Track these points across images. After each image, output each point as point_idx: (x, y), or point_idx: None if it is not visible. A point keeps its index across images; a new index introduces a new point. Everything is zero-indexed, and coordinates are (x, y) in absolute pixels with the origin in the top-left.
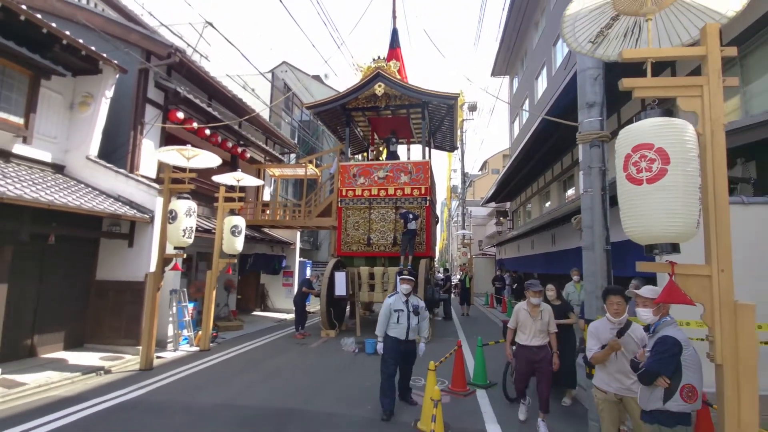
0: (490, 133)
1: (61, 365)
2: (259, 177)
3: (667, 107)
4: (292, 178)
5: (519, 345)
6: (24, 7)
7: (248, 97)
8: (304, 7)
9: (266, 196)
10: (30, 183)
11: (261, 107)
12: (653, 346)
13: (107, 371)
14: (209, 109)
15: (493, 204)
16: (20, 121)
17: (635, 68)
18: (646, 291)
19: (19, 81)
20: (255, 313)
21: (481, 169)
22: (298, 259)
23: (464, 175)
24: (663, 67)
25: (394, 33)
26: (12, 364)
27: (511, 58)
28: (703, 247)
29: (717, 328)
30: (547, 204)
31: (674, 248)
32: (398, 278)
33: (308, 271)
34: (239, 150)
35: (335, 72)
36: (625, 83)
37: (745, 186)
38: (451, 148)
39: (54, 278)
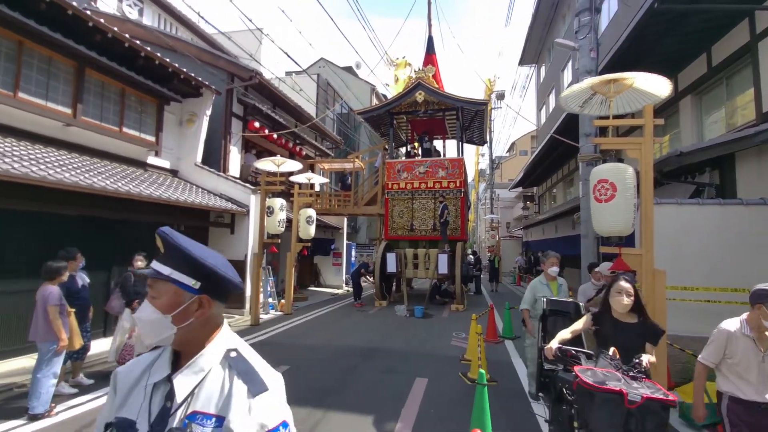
0: (520, 114)
1: None
2: (312, 171)
3: (620, 156)
4: (339, 171)
5: (734, 400)
6: (140, 45)
7: (296, 97)
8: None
9: (316, 186)
10: (175, 189)
11: (307, 105)
12: None
13: (228, 325)
14: (276, 117)
15: (520, 188)
16: (153, 138)
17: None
18: (603, 267)
19: (151, 108)
20: (310, 288)
21: (508, 151)
22: (345, 242)
23: (492, 161)
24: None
25: (430, 40)
26: None
27: (539, 48)
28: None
29: (644, 283)
30: (571, 190)
31: (620, 239)
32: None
33: (353, 253)
34: (297, 149)
35: (372, 70)
36: (595, 141)
37: (710, 189)
38: (481, 143)
39: None
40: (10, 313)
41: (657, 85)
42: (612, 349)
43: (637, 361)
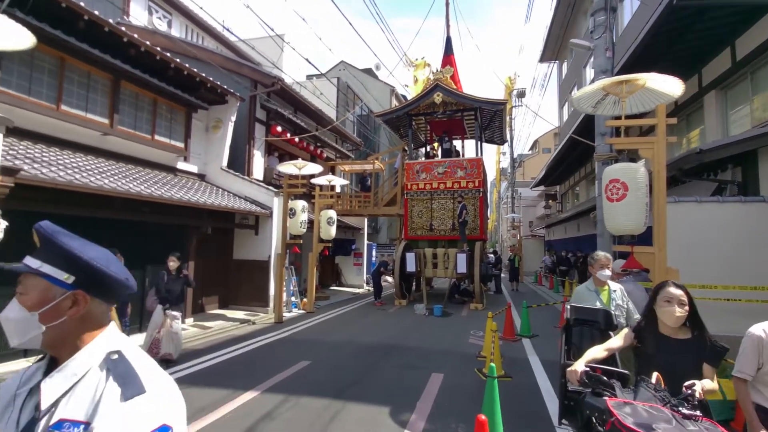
0: (538, 114)
1: (223, 317)
2: (333, 173)
3: (633, 155)
4: (360, 172)
5: (761, 409)
6: (171, 57)
7: (317, 101)
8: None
9: (337, 187)
10: (203, 192)
11: (328, 109)
12: None
13: (253, 323)
14: (298, 121)
15: (542, 187)
16: (182, 145)
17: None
18: (615, 265)
19: (180, 116)
20: (332, 287)
21: (531, 149)
22: (366, 242)
23: (513, 160)
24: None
25: (448, 41)
26: (196, 315)
27: (560, 45)
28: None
29: (657, 281)
30: (593, 187)
31: (632, 237)
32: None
33: (374, 252)
34: (318, 151)
35: (391, 72)
36: (608, 141)
37: (731, 186)
38: (501, 142)
39: (210, 258)
40: None
41: (669, 85)
42: (655, 375)
43: (690, 392)
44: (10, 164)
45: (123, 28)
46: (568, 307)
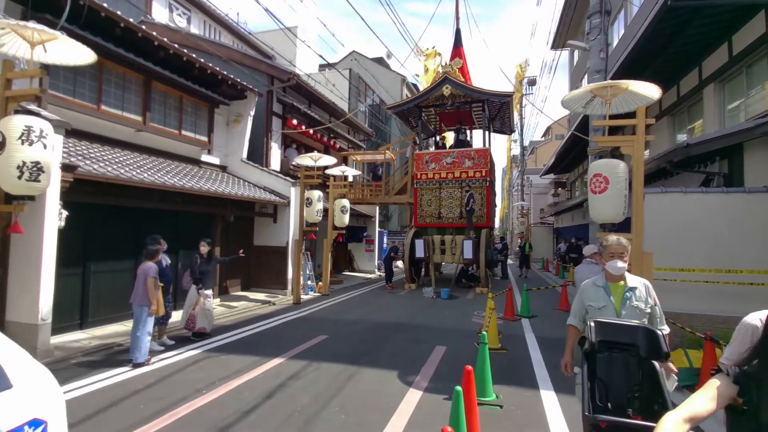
0: (553, 95)
1: (246, 299)
2: (346, 163)
3: (617, 151)
4: (371, 162)
5: None
6: (193, 56)
7: (330, 93)
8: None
9: (349, 177)
10: (226, 183)
11: (340, 101)
12: None
13: (273, 303)
14: (312, 114)
15: (552, 175)
16: (205, 138)
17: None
18: (587, 249)
19: (203, 111)
20: (345, 273)
21: (544, 135)
22: (377, 229)
23: (523, 149)
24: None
25: (457, 33)
26: (221, 297)
27: (572, 32)
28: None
29: (633, 265)
30: None
31: (613, 225)
32: None
33: (385, 239)
34: (331, 142)
35: (402, 63)
36: (594, 139)
37: (719, 178)
38: (509, 132)
39: (232, 243)
40: (105, 289)
41: (649, 90)
42: None
43: None
44: (67, 161)
45: (154, 33)
46: (591, 324)
